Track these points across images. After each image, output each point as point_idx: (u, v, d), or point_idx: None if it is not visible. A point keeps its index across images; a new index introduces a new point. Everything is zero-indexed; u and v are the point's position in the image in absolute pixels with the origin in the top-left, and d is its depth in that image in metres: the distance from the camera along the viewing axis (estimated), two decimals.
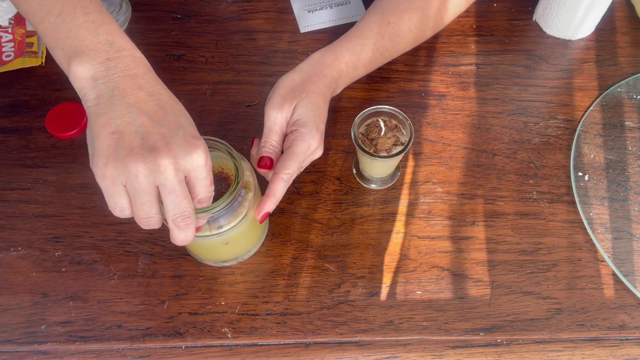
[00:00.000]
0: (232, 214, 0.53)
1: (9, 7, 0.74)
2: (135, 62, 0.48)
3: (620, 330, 0.58)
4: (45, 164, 0.67)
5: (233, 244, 0.57)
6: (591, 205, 0.64)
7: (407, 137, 0.59)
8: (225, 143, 0.52)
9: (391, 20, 0.65)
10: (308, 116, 0.57)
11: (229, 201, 0.50)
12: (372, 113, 0.60)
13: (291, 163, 0.55)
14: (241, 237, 0.56)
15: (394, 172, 0.65)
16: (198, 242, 0.55)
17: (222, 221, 0.52)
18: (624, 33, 0.77)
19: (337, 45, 0.64)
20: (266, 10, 0.79)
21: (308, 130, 0.56)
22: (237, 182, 0.50)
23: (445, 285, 0.60)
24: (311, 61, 0.61)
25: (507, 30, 0.77)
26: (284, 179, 0.55)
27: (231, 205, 0.51)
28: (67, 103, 0.69)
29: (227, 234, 0.53)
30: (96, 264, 0.61)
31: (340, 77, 0.63)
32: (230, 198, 0.50)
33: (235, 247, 0.58)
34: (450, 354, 0.57)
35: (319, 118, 0.58)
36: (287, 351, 0.57)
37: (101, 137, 0.45)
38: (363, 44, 0.64)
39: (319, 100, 0.58)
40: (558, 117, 0.70)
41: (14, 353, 0.57)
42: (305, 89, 0.58)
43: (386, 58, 0.68)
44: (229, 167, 0.54)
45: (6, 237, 0.62)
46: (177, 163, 0.45)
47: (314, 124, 0.57)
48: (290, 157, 0.55)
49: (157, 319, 0.58)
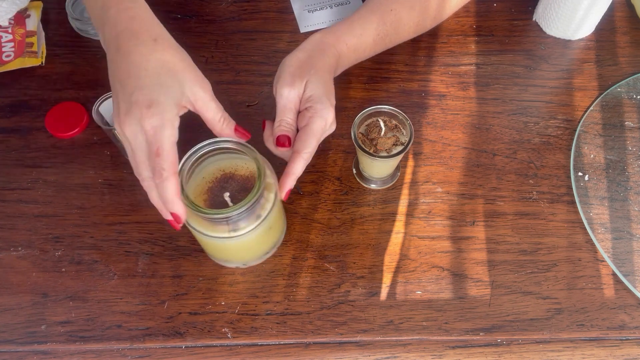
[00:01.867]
0: (252, 216, 0.53)
1: (9, 7, 0.74)
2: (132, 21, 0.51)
3: (620, 330, 0.58)
4: (45, 164, 0.67)
5: (253, 245, 0.57)
6: (591, 205, 0.64)
7: (407, 137, 0.59)
8: (246, 144, 0.53)
9: (393, 7, 0.66)
10: (320, 92, 0.57)
11: (251, 203, 0.50)
12: (372, 113, 0.60)
13: (311, 141, 0.55)
14: (261, 238, 0.56)
15: (394, 172, 0.65)
16: (216, 244, 0.55)
17: (241, 224, 0.52)
18: (624, 33, 0.77)
19: (338, 27, 0.63)
20: (266, 10, 0.79)
21: (323, 106, 0.56)
22: (260, 185, 0.50)
23: (445, 285, 0.60)
24: (313, 41, 0.61)
25: (507, 30, 0.77)
26: (305, 157, 0.55)
27: (253, 208, 0.51)
28: (67, 103, 0.69)
29: (245, 236, 0.53)
30: (96, 264, 0.61)
31: (340, 58, 0.62)
32: (252, 200, 0.50)
33: (256, 247, 0.58)
34: (450, 354, 0.57)
35: (330, 93, 0.58)
36: (287, 351, 0.57)
37: None
38: (364, 27, 0.64)
39: (327, 76, 0.59)
40: (558, 117, 0.70)
41: (14, 353, 0.57)
42: (313, 65, 0.58)
43: (387, 44, 0.68)
44: (250, 169, 0.54)
45: (6, 237, 0.62)
46: (123, 130, 0.48)
47: (327, 99, 0.57)
48: (309, 135, 0.55)
49: (157, 319, 0.58)
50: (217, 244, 0.55)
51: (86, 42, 0.75)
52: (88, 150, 0.68)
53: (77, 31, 0.75)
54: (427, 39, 0.76)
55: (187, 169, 0.51)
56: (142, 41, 0.50)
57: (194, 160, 0.52)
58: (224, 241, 0.53)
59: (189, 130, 0.53)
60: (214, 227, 0.52)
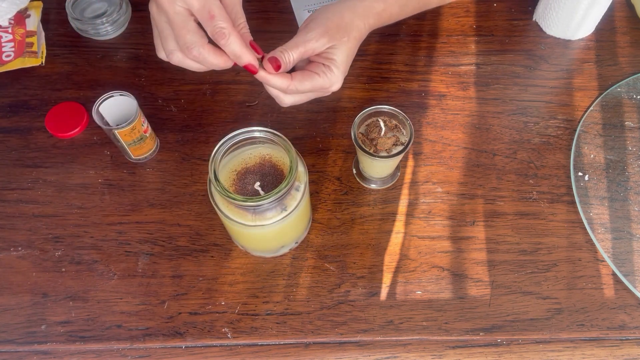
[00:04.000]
0: (280, 207, 0.53)
1: (9, 7, 0.74)
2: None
3: (620, 330, 0.58)
4: (45, 164, 0.67)
5: (277, 235, 0.57)
6: (591, 205, 0.64)
7: (407, 137, 0.59)
8: (280, 135, 0.53)
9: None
10: (342, 60, 0.57)
11: (281, 193, 0.51)
12: (372, 113, 0.60)
13: (306, 84, 0.55)
14: (289, 227, 0.57)
15: (394, 172, 0.65)
16: (241, 231, 0.56)
17: (268, 214, 0.53)
18: (624, 33, 0.77)
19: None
20: (266, 10, 0.79)
21: (338, 72, 0.57)
22: (291, 176, 0.51)
23: (445, 285, 0.60)
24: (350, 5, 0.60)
25: (507, 30, 0.77)
26: (290, 88, 0.55)
27: (282, 198, 0.52)
28: (67, 103, 0.69)
29: (271, 226, 0.54)
30: (96, 264, 0.61)
31: (373, 25, 0.62)
32: (283, 190, 0.51)
33: (284, 236, 0.59)
34: (450, 354, 0.57)
35: (349, 63, 0.58)
36: (287, 351, 0.57)
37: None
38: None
39: (354, 47, 0.59)
40: (558, 117, 0.70)
41: (14, 353, 0.57)
42: (349, 34, 0.58)
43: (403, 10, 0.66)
44: (282, 160, 0.55)
45: (6, 237, 0.62)
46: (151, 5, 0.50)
47: (345, 68, 0.57)
48: (308, 79, 0.55)
49: (157, 319, 0.58)
50: (241, 231, 0.55)
51: (86, 42, 0.75)
52: (88, 150, 0.68)
53: (77, 31, 0.75)
54: (427, 39, 0.76)
55: (220, 156, 0.52)
56: None
57: (227, 147, 0.53)
58: (249, 229, 0.54)
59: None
60: (242, 214, 0.53)
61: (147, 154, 0.66)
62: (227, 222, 0.54)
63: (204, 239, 0.62)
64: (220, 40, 0.50)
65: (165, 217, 0.63)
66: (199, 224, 0.63)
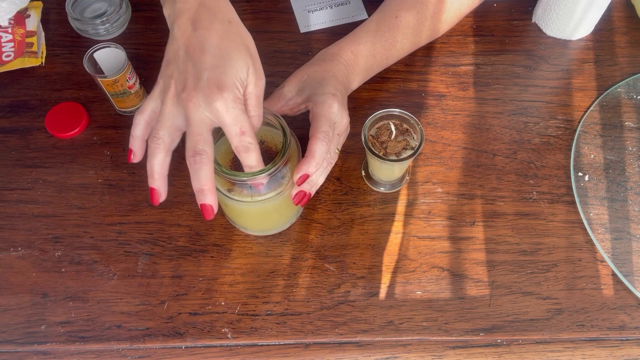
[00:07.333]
0: (275, 183, 0.54)
1: (9, 7, 0.74)
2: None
3: (620, 330, 0.58)
4: (45, 164, 0.67)
5: (274, 212, 0.58)
6: (591, 206, 0.64)
7: (418, 141, 0.59)
8: (275, 113, 0.54)
9: (398, 14, 0.67)
10: (313, 87, 0.59)
11: (274, 169, 0.51)
12: (383, 116, 0.60)
13: (322, 123, 0.56)
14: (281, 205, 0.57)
15: (402, 176, 0.65)
16: (237, 208, 0.56)
17: (264, 189, 0.54)
18: (623, 33, 0.77)
19: (340, 40, 0.66)
20: (266, 10, 0.79)
21: (322, 98, 0.57)
22: (284, 152, 0.52)
23: (445, 286, 0.60)
24: (319, 55, 0.64)
25: (507, 31, 0.77)
26: (320, 137, 0.55)
27: (276, 175, 0.53)
28: (67, 103, 0.69)
29: (266, 202, 0.54)
30: (96, 264, 0.61)
31: (349, 66, 0.64)
32: (276, 166, 0.51)
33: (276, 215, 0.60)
34: (450, 354, 0.57)
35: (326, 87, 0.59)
36: (287, 351, 0.57)
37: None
38: (363, 35, 0.66)
39: (335, 81, 0.61)
40: (558, 117, 0.70)
41: (14, 353, 0.57)
42: (321, 81, 0.60)
43: (398, 50, 0.69)
44: (278, 140, 0.56)
45: (6, 237, 0.62)
46: (187, 103, 0.48)
47: (323, 90, 0.58)
48: (318, 118, 0.56)
49: (157, 319, 0.58)
50: (237, 207, 0.56)
51: (86, 42, 0.75)
52: (88, 150, 0.68)
53: (77, 31, 0.75)
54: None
55: (217, 133, 0.53)
56: (219, 20, 0.50)
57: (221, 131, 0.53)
58: (244, 205, 0.55)
59: None
60: (238, 190, 0.54)
61: (131, 108, 0.68)
62: (228, 201, 0.55)
63: (204, 239, 0.62)
64: (242, 153, 0.50)
65: (165, 217, 0.63)
66: (198, 224, 0.63)
